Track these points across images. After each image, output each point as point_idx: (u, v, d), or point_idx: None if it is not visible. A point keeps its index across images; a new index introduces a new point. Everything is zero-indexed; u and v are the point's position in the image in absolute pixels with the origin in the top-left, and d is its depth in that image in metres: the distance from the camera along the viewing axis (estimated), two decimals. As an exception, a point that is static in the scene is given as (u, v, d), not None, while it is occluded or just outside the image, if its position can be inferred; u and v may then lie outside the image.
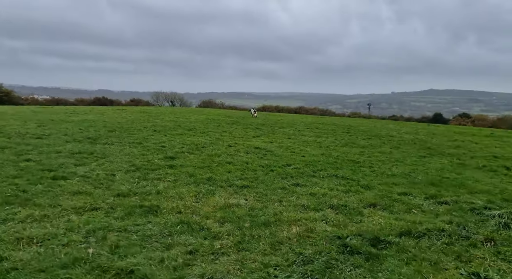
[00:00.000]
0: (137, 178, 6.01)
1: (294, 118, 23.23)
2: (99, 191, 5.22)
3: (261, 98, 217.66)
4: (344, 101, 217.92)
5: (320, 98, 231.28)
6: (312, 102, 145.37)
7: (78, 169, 6.42)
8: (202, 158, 7.99)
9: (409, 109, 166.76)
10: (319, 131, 14.93)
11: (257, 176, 6.47)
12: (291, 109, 48.98)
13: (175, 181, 5.90)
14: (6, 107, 23.63)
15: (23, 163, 6.65)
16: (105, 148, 8.63)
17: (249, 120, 19.56)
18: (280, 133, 13.66)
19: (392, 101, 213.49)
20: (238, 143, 10.55)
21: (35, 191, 5.02)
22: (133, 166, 6.93)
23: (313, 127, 16.71)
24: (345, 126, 18.54)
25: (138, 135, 10.96)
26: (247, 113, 25.71)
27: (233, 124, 16.36)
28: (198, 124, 15.37)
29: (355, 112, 57.10)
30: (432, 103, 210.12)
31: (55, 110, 21.26)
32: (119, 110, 23.62)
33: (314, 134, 13.70)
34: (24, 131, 10.65)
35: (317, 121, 20.87)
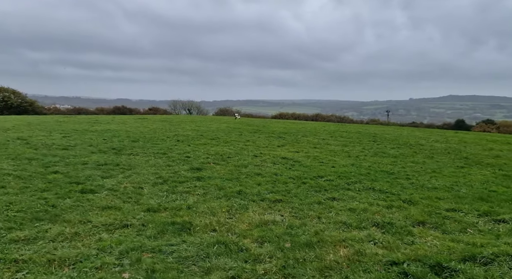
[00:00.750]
0: (165, 191, 5.81)
1: (316, 127, 22.78)
2: (128, 205, 5.03)
3: (276, 105, 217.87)
4: (361, 108, 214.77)
5: (336, 105, 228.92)
6: (327, 110, 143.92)
7: (106, 182, 6.29)
8: (229, 169, 7.75)
9: (428, 116, 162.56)
10: (344, 140, 14.47)
11: (289, 188, 6.15)
12: (308, 116, 48.39)
13: (205, 195, 5.67)
14: (31, 117, 24.32)
15: (51, 175, 6.59)
16: (130, 159, 8.54)
17: (271, 128, 19.29)
18: (305, 142, 13.30)
19: (410, 108, 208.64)
20: (263, 152, 10.28)
21: (64, 206, 4.89)
22: (160, 178, 6.76)
23: (337, 136, 16.25)
24: (370, 134, 17.96)
25: (162, 146, 10.86)
26: (267, 121, 25.49)
27: (255, 133, 16.12)
28: (220, 134, 15.21)
29: (374, 119, 55.90)
30: (452, 110, 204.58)
31: (78, 120, 21.63)
32: (140, 120, 23.83)
33: (340, 143, 13.26)
34: (50, 142, 10.75)
35: (340, 129, 20.36)
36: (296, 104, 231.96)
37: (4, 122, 17.53)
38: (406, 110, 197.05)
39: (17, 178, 6.33)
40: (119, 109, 44.34)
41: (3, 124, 16.14)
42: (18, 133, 12.52)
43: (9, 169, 6.92)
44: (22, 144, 10.08)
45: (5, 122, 17.96)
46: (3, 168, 7.02)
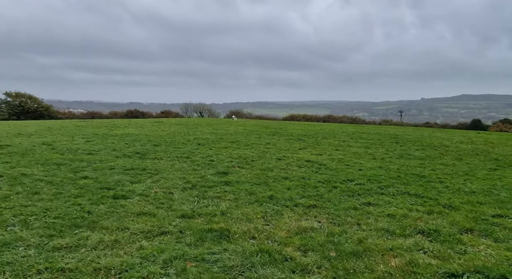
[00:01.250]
0: (196, 197, 5.76)
1: (333, 128, 22.51)
2: (162, 211, 4.99)
3: (285, 107, 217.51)
4: (371, 108, 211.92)
5: (346, 106, 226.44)
6: (337, 111, 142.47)
7: (135, 187, 6.29)
8: (255, 173, 7.66)
9: (441, 116, 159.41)
10: (365, 142, 14.21)
11: (321, 193, 6.02)
12: (320, 118, 47.91)
13: (236, 200, 5.59)
14: (50, 122, 24.84)
15: (81, 181, 6.63)
16: (156, 163, 8.55)
17: (289, 131, 19.14)
18: (325, 144, 13.11)
19: (422, 108, 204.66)
20: (286, 155, 10.16)
21: (99, 212, 4.89)
22: (188, 182, 6.72)
23: (357, 138, 15.99)
24: (391, 135, 17.61)
25: (184, 149, 10.87)
26: (284, 123, 25.34)
27: (274, 136, 16.02)
28: (239, 137, 15.16)
29: (386, 119, 54.95)
30: (465, 109, 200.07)
31: (96, 124, 21.94)
32: (156, 123, 24.02)
33: (361, 145, 13.02)
34: (75, 147, 10.89)
35: (358, 131, 20.05)
36: (306, 105, 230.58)
37: (26, 127, 17.92)
38: (418, 110, 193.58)
39: (49, 183, 6.39)
40: (132, 113, 44.82)
41: (26, 129, 16.49)
42: (42, 139, 12.74)
43: (40, 175, 7.00)
44: (48, 149, 10.24)
45: (27, 127, 18.36)
46: (34, 173, 7.12)
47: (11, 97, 39.03)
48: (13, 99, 38.91)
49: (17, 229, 4.21)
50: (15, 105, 38.18)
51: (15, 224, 4.36)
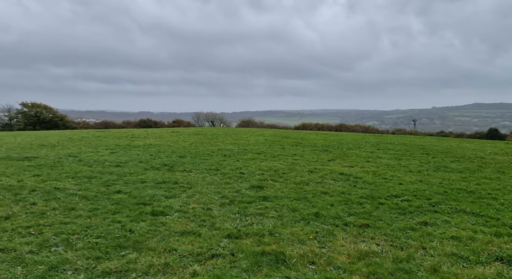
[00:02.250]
0: (237, 213, 5.48)
1: (355, 138, 22.01)
2: (205, 230, 4.73)
3: (295, 116, 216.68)
4: (382, 117, 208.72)
5: (356, 114, 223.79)
6: (347, 119, 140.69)
7: (172, 202, 6.06)
8: (291, 187, 7.34)
9: (452, 125, 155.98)
10: (394, 153, 13.72)
11: (368, 210, 5.65)
12: (332, 126, 47.23)
13: (280, 218, 5.28)
14: (69, 132, 24.94)
15: (116, 196, 6.45)
16: (186, 176, 8.34)
17: (311, 141, 18.77)
18: (353, 155, 12.69)
19: (434, 117, 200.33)
20: (317, 167, 9.80)
21: (141, 231, 4.66)
22: (225, 197, 6.46)
23: (383, 148, 15.49)
24: (418, 146, 17.03)
25: (211, 161, 10.65)
26: (302, 132, 24.96)
27: (297, 146, 15.68)
28: (262, 147, 14.89)
29: (399, 128, 53.78)
30: (478, 118, 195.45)
31: (114, 134, 21.98)
32: (174, 133, 23.87)
33: (391, 157, 12.54)
34: (102, 159, 10.81)
35: (382, 141, 19.50)
36: (315, 114, 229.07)
37: (47, 138, 18.10)
38: (430, 119, 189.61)
39: (84, 198, 6.23)
40: (144, 122, 44.91)
41: (48, 140, 16.64)
42: (66, 150, 12.77)
43: (73, 189, 6.87)
44: (75, 161, 10.18)
45: (48, 138, 18.55)
46: (66, 187, 6.99)
47: (27, 107, 39.78)
48: (29, 109, 39.64)
49: (62, 250, 4.01)
50: (30, 116, 38.85)
51: (58, 244, 4.17)
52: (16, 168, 8.95)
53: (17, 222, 4.92)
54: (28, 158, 10.50)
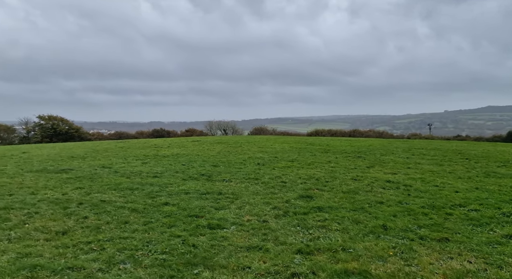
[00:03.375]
0: (297, 226, 5.19)
1: (383, 144, 21.44)
2: (271, 245, 4.46)
3: (305, 122, 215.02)
4: (393, 122, 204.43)
5: (366, 120, 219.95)
6: (357, 124, 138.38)
7: (223, 214, 5.83)
8: (340, 196, 7.01)
9: (466, 128, 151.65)
10: (431, 158, 13.19)
11: (437, 222, 5.27)
12: (345, 132, 46.42)
13: (346, 231, 4.96)
14: (90, 143, 25.03)
15: (164, 208, 6.27)
16: (227, 186, 8.12)
17: (338, 147, 18.36)
18: (390, 162, 12.24)
19: (446, 120, 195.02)
20: (359, 175, 9.44)
21: (204, 246, 4.43)
22: (276, 208, 6.19)
23: (417, 154, 14.94)
24: (452, 151, 16.39)
25: (246, 170, 10.42)
26: (325, 139, 24.52)
27: (327, 153, 15.31)
28: (292, 155, 14.59)
29: (414, 133, 52.35)
30: (492, 121, 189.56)
31: (136, 144, 21.99)
32: (195, 142, 23.71)
33: (431, 162, 12.03)
34: (136, 170, 10.74)
35: (412, 147, 18.89)
36: (324, 120, 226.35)
37: (73, 150, 18.27)
38: (442, 123, 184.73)
39: (134, 211, 6.07)
40: (157, 132, 44.65)
41: (74, 152, 16.80)
42: (97, 161, 12.79)
43: (119, 201, 6.74)
44: (111, 173, 10.13)
45: (73, 149, 18.75)
46: (112, 200, 6.87)
47: (44, 120, 40.24)
48: (46, 122, 40.12)
49: (131, 267, 3.81)
50: (47, 128, 39.26)
51: (125, 261, 3.98)
52: (56, 180, 8.93)
53: (75, 237, 4.78)
54: (64, 170, 10.52)
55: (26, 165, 11.82)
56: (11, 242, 4.57)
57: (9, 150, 18.85)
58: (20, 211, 5.98)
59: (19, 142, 37.29)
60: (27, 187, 8.02)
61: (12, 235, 4.81)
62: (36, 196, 7.14)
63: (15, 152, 16.99)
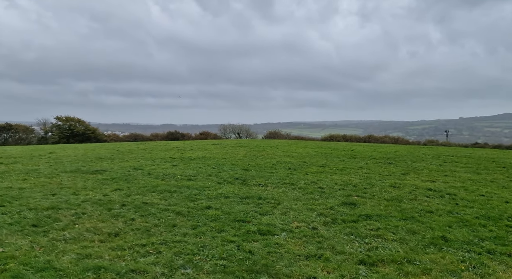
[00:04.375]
0: (350, 235, 5.04)
1: (409, 150, 20.96)
2: (329, 253, 4.32)
3: (317, 127, 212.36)
4: (406, 128, 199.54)
5: (379, 125, 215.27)
6: (371, 130, 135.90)
7: (269, 220, 5.72)
8: (385, 204, 6.81)
9: (482, 135, 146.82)
10: (464, 166, 12.75)
11: (500, 234, 5.03)
12: (360, 138, 45.60)
13: (404, 241, 4.77)
14: (111, 145, 25.09)
15: (207, 211, 6.22)
16: (265, 191, 8.02)
17: (364, 153, 18.02)
18: (423, 169, 11.89)
19: (461, 127, 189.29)
20: (397, 182, 9.18)
21: (261, 252, 4.33)
22: (322, 215, 6.06)
23: (449, 161, 14.49)
24: (485, 159, 15.85)
25: (279, 175, 10.30)
26: (347, 144, 24.15)
27: (355, 159, 15.03)
28: (319, 160, 14.39)
29: (431, 140, 50.89)
30: (509, 129, 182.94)
31: (157, 147, 22.12)
32: (216, 145, 23.67)
33: (467, 170, 11.63)
34: (168, 172, 10.78)
35: (441, 153, 18.38)
36: (337, 125, 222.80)
37: (95, 151, 18.52)
38: (457, 130, 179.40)
39: (178, 214, 6.04)
40: (172, 135, 44.59)
41: (98, 153, 17.04)
42: (126, 163, 12.93)
43: (162, 204, 6.73)
44: (144, 174, 10.19)
45: (96, 150, 19.03)
46: (154, 202, 6.87)
47: (61, 121, 40.71)
48: (63, 123, 40.83)
49: (193, 273, 3.75)
50: (65, 129, 39.85)
51: (185, 266, 3.92)
52: (93, 181, 9.04)
53: (128, 239, 4.77)
54: (98, 171, 10.66)
55: (58, 165, 12.04)
56: (68, 243, 4.60)
57: (35, 150, 19.25)
58: (67, 211, 6.04)
59: (37, 142, 37.94)
60: (67, 187, 8.14)
61: (66, 236, 4.84)
62: (78, 196, 7.22)
63: (42, 152, 17.35)
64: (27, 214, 5.75)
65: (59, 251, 4.27)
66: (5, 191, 7.45)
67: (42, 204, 6.44)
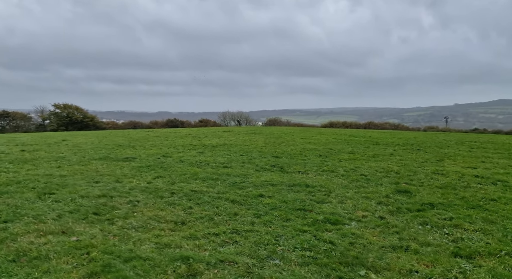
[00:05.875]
0: (424, 225, 4.86)
1: (427, 136, 20.71)
2: (415, 245, 4.14)
3: (313, 114, 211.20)
4: (402, 114, 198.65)
5: (374, 112, 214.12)
6: (366, 117, 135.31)
7: (331, 208, 5.55)
8: (441, 192, 6.62)
9: (477, 121, 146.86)
10: (496, 152, 12.53)
11: None
12: (360, 125, 45.42)
13: (487, 232, 4.57)
14: (120, 132, 24.78)
15: (263, 199, 6.04)
16: (309, 178, 7.84)
17: (384, 139, 17.78)
18: (456, 156, 11.67)
19: (456, 114, 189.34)
20: (438, 169, 8.98)
21: (343, 243, 4.16)
22: (381, 203, 5.88)
23: (476, 147, 14.26)
24: (508, 144, 15.61)
25: (312, 162, 10.10)
26: (362, 131, 23.88)
27: (379, 145, 14.81)
28: (345, 147, 14.17)
29: (431, 126, 50.62)
30: (503, 115, 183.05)
31: (168, 134, 21.85)
32: (228, 132, 23.18)
33: (501, 156, 11.42)
34: (200, 159, 10.60)
35: (464, 139, 18.13)
36: (333, 112, 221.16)
37: (109, 138, 18.29)
38: (452, 116, 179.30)
39: (233, 202, 5.87)
40: (172, 122, 43.91)
41: (115, 141, 16.88)
42: (149, 150, 12.77)
43: (211, 191, 6.55)
44: (176, 162, 9.99)
45: (110, 137, 18.82)
46: (203, 190, 6.69)
47: (59, 108, 40.12)
48: (61, 110, 40.16)
49: (283, 265, 3.58)
50: (63, 116, 39.26)
51: (271, 257, 3.75)
52: (129, 168, 8.86)
53: (197, 228, 4.59)
54: (128, 159, 10.47)
55: (82, 152, 11.83)
56: (138, 231, 4.43)
57: (47, 137, 18.99)
58: (120, 199, 5.86)
59: (36, 130, 37.34)
60: (107, 174, 7.96)
61: (133, 224, 4.67)
62: (123, 184, 7.05)
63: (55, 139, 17.10)
64: (82, 202, 5.57)
65: (135, 240, 4.10)
66: (47, 178, 7.27)
67: (91, 191, 6.27)
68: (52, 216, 4.81)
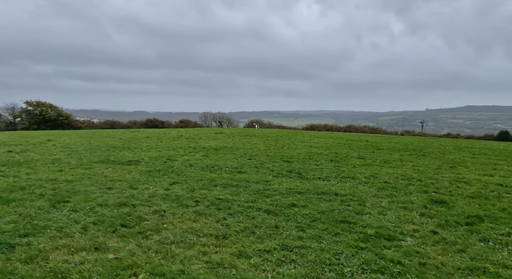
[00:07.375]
0: (486, 242, 4.56)
1: (427, 142, 20.86)
2: (493, 267, 3.82)
3: (291, 116, 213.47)
4: (376, 118, 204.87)
5: (350, 116, 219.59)
6: (343, 120, 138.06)
7: (376, 221, 5.18)
8: (477, 203, 6.39)
9: (446, 127, 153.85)
10: (498, 159, 12.60)
11: None
12: (340, 128, 46.34)
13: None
14: (103, 132, 23.51)
15: (298, 210, 5.61)
16: (333, 186, 7.47)
17: (384, 144, 17.73)
18: (464, 162, 11.62)
19: (428, 119, 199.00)
20: (458, 176, 8.80)
21: (411, 264, 3.78)
22: (425, 216, 5.57)
23: (476, 152, 14.36)
24: (502, 150, 15.85)
25: (326, 167, 9.76)
26: (355, 135, 23.90)
27: (382, 150, 14.68)
28: (350, 151, 13.94)
29: (408, 130, 52.08)
30: (470, 120, 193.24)
31: (160, 135, 21.14)
32: (219, 134, 22.67)
33: (505, 162, 11.46)
34: (207, 163, 10.07)
35: (457, 145, 18.33)
36: (311, 115, 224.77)
37: (94, 139, 17.47)
38: (424, 121, 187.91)
39: (267, 212, 5.42)
40: (151, 122, 42.56)
41: (106, 141, 16.10)
42: (148, 153, 12.18)
43: (239, 200, 6.06)
44: (186, 166, 9.43)
45: (95, 138, 17.96)
46: (228, 198, 6.19)
47: (31, 106, 37.69)
48: (34, 108, 37.55)
49: None
50: (35, 114, 36.73)
51: None
52: (139, 173, 8.23)
53: (242, 243, 4.10)
54: (132, 162, 9.80)
55: (76, 154, 11.04)
56: (180, 247, 3.90)
57: (28, 137, 17.77)
58: (144, 209, 5.29)
59: (5, 128, 34.90)
60: (117, 180, 7.32)
61: (171, 238, 4.14)
62: (139, 191, 6.45)
63: (39, 139, 15.99)
64: (103, 211, 4.97)
65: (182, 258, 3.57)
66: (52, 184, 6.56)
67: (108, 199, 5.65)
68: (76, 228, 4.20)
